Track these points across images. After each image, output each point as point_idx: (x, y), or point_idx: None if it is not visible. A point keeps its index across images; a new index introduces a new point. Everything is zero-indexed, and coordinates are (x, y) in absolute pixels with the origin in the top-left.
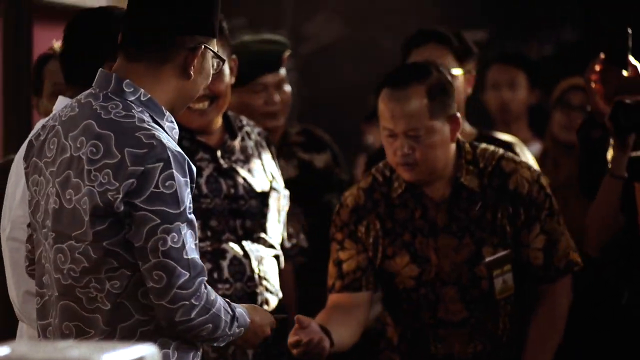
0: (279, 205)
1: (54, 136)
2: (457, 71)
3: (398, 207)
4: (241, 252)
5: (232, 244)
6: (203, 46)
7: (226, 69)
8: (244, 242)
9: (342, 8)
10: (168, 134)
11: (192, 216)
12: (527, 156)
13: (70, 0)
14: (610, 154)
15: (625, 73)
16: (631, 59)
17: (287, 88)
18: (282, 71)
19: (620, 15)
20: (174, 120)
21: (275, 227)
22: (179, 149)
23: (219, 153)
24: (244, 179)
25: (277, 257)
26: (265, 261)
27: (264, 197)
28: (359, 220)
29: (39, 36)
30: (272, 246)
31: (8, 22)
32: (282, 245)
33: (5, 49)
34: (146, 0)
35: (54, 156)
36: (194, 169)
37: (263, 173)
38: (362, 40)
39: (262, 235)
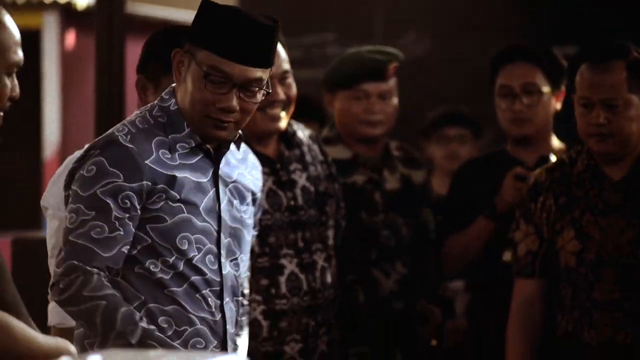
0: (333, 209)
1: None
2: (546, 88)
3: (575, 185)
4: (298, 268)
5: (289, 259)
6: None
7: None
8: (303, 255)
9: (431, 24)
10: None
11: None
12: None
13: (162, 14)
14: None
15: None
16: None
17: (393, 100)
18: (389, 82)
19: None
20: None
21: (331, 232)
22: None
23: (278, 165)
24: (303, 188)
25: (332, 261)
26: (322, 272)
27: (321, 204)
28: (535, 197)
29: (131, 49)
30: (328, 255)
31: (101, 35)
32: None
33: (98, 62)
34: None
35: None
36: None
37: (318, 180)
38: (451, 55)
39: (320, 245)
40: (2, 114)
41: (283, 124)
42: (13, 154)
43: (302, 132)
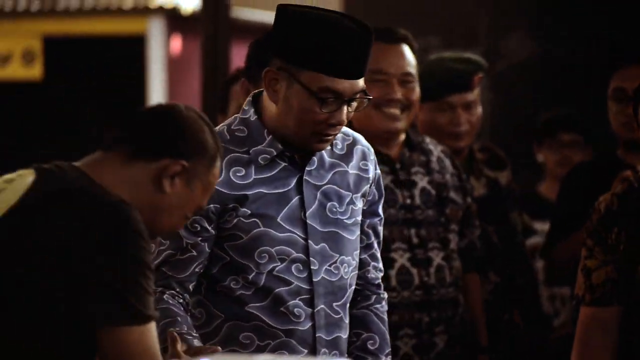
0: (458, 215)
1: None
2: None
3: None
4: (409, 262)
5: (401, 253)
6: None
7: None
8: (417, 251)
9: (535, 26)
10: None
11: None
12: None
13: (268, 19)
14: None
15: None
16: None
17: (478, 110)
18: (474, 92)
19: None
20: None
21: (454, 235)
22: None
23: (397, 165)
24: (423, 189)
25: (452, 262)
26: (438, 269)
27: (441, 206)
28: (609, 227)
29: (237, 53)
30: (448, 255)
31: (207, 39)
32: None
33: (204, 66)
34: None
35: None
36: None
37: (444, 187)
38: (556, 58)
39: (438, 244)
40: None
41: (401, 124)
42: None
43: (434, 145)
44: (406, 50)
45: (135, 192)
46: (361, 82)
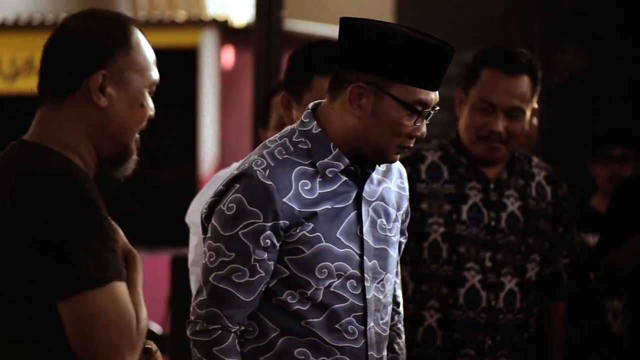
0: (542, 245)
1: None
2: None
3: None
4: (480, 284)
5: (473, 273)
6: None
7: (528, 112)
8: (488, 275)
9: (589, 39)
10: None
11: (247, 246)
12: None
13: (320, 31)
14: None
15: None
16: None
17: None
18: None
19: None
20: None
21: (533, 265)
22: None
23: (491, 185)
24: (511, 214)
25: (527, 290)
26: (509, 294)
27: (526, 235)
28: None
29: None
30: (523, 282)
31: (259, 52)
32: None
33: (256, 78)
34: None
35: None
36: None
37: (537, 215)
38: (610, 71)
39: (512, 270)
40: (138, 136)
41: (499, 154)
42: (170, 170)
43: (538, 170)
44: (523, 82)
45: (83, 126)
46: (437, 94)
